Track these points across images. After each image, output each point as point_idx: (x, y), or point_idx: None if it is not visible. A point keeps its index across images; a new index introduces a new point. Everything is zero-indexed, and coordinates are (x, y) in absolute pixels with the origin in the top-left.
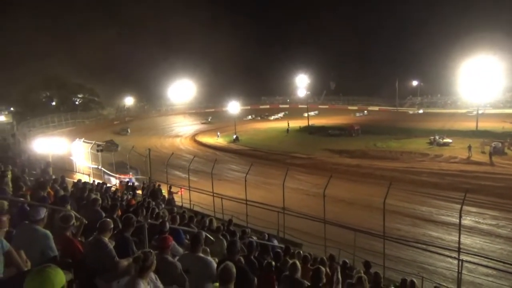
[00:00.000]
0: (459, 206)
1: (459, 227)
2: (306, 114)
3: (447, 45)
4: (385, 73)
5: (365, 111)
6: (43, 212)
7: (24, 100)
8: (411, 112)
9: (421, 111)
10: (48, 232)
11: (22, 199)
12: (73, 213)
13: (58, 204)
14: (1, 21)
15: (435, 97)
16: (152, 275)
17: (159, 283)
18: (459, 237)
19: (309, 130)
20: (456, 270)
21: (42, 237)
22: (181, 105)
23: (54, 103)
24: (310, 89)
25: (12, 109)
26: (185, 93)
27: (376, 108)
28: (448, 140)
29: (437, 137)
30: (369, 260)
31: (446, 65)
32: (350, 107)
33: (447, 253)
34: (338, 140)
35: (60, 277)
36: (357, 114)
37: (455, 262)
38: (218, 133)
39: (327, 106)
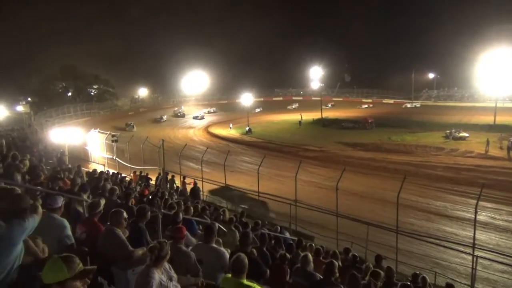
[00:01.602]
0: (474, 201)
1: (474, 223)
2: (324, 106)
3: (465, 37)
4: (400, 65)
5: (371, 105)
6: (60, 201)
7: (41, 91)
8: (408, 105)
9: (418, 104)
10: (65, 220)
11: (39, 187)
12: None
13: (76, 192)
14: (19, 13)
15: (452, 90)
16: (166, 265)
17: (172, 273)
18: (474, 233)
19: (323, 123)
20: (470, 266)
21: (59, 226)
22: (194, 97)
23: (70, 94)
24: (324, 81)
25: (29, 99)
26: (199, 85)
27: (391, 101)
28: (465, 134)
29: (453, 131)
30: (381, 254)
31: (464, 57)
32: (364, 100)
33: (461, 248)
34: (351, 133)
35: (60, 272)
36: (363, 107)
37: (470, 258)
38: (231, 125)
39: (341, 99)
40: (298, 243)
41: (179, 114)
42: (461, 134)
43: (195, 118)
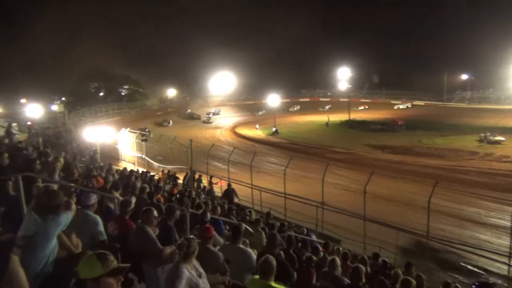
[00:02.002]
0: (510, 208)
1: (511, 231)
2: (355, 108)
3: (501, 37)
4: (432, 66)
5: (409, 104)
6: (94, 198)
7: (75, 91)
8: (401, 106)
9: (409, 105)
10: (98, 217)
11: (73, 184)
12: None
13: (108, 190)
14: (54, 15)
15: (487, 92)
16: (195, 261)
17: (201, 270)
18: (511, 241)
19: (350, 124)
20: (506, 276)
21: (92, 222)
22: (221, 97)
23: (102, 94)
24: (352, 82)
25: (63, 99)
26: (226, 85)
27: (422, 103)
28: (501, 138)
29: (488, 135)
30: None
31: (499, 58)
32: (393, 101)
33: (495, 257)
34: (380, 135)
35: (94, 268)
36: (401, 107)
37: (505, 267)
38: (257, 126)
39: (369, 100)
40: (325, 246)
41: (194, 116)
42: (496, 138)
43: (205, 122)
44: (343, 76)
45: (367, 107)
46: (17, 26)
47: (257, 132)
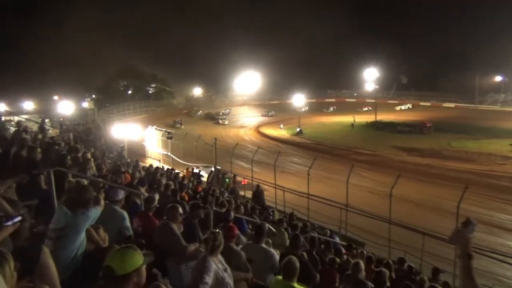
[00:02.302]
0: None
1: None
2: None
3: None
4: (463, 67)
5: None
6: (122, 194)
7: (104, 88)
8: (402, 107)
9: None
10: (124, 212)
11: (101, 180)
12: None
13: (135, 186)
14: (86, 14)
15: None
16: (220, 256)
17: (226, 264)
18: None
19: (376, 126)
20: None
21: (119, 217)
22: (246, 96)
23: (130, 92)
24: (380, 83)
25: (94, 96)
26: (251, 85)
27: (452, 105)
28: None
29: None
30: (438, 267)
31: None
32: (422, 103)
33: None
34: (407, 137)
35: (135, 259)
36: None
37: None
38: (281, 125)
39: (396, 102)
40: (347, 249)
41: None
42: None
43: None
44: (370, 76)
45: (370, 108)
46: (50, 25)
47: (281, 132)
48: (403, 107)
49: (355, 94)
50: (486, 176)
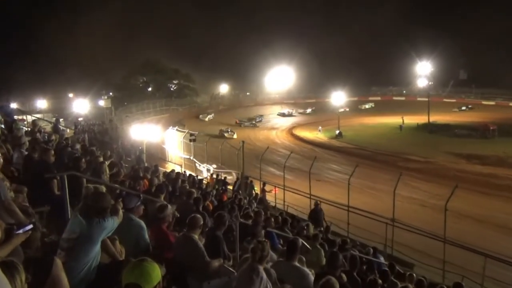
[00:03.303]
0: None
1: None
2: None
3: None
4: None
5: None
6: (136, 201)
7: (123, 85)
8: (455, 110)
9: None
10: (142, 222)
11: (118, 185)
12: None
13: (153, 193)
14: (103, 8)
15: None
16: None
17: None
18: None
19: (429, 128)
20: None
21: (137, 227)
22: (279, 94)
23: (150, 89)
24: (434, 78)
25: (111, 94)
26: (283, 81)
27: None
28: None
29: None
30: None
31: None
32: (484, 102)
33: None
34: (466, 141)
35: (157, 272)
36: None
37: None
38: (320, 128)
39: (454, 100)
40: (391, 269)
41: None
42: None
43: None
44: (423, 71)
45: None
46: (66, 19)
47: (318, 135)
48: (463, 108)
49: (404, 92)
50: None
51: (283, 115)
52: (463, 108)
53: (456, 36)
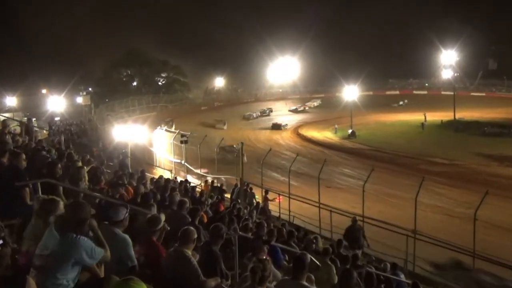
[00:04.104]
0: None
1: None
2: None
3: None
4: None
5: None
6: (124, 213)
7: (104, 79)
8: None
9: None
10: (127, 237)
11: (99, 194)
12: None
13: (140, 203)
14: None
15: None
16: None
17: None
18: None
19: (455, 126)
20: None
21: (121, 242)
22: (282, 89)
23: (135, 84)
24: (460, 69)
25: (90, 89)
26: (288, 74)
27: None
28: None
29: None
30: None
31: None
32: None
33: None
34: (498, 141)
35: None
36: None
37: None
38: (336, 126)
39: (483, 94)
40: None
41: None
42: None
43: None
44: (447, 61)
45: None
46: (37, 3)
47: (327, 135)
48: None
49: (426, 85)
50: None
51: (295, 111)
52: (401, 103)
53: (485, 21)
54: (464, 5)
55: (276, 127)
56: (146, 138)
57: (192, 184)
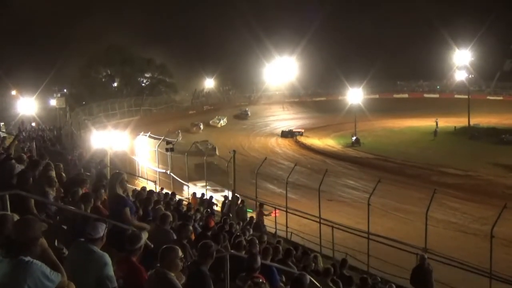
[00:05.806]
0: None
1: None
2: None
3: None
4: None
5: None
6: (102, 229)
7: (80, 79)
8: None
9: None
10: (106, 255)
11: (73, 208)
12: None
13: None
14: None
15: None
16: None
17: None
18: None
19: (470, 133)
20: None
21: (99, 262)
22: (279, 91)
23: (115, 84)
24: (475, 71)
25: (65, 91)
26: (286, 76)
27: None
28: None
29: None
30: None
31: None
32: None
33: None
34: None
35: None
36: None
37: None
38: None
39: (500, 97)
40: None
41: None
42: None
43: None
44: (461, 61)
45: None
46: None
47: (328, 142)
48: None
49: (437, 87)
50: None
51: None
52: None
53: (503, 18)
54: (479, 1)
55: (289, 135)
56: (127, 146)
57: (178, 197)
